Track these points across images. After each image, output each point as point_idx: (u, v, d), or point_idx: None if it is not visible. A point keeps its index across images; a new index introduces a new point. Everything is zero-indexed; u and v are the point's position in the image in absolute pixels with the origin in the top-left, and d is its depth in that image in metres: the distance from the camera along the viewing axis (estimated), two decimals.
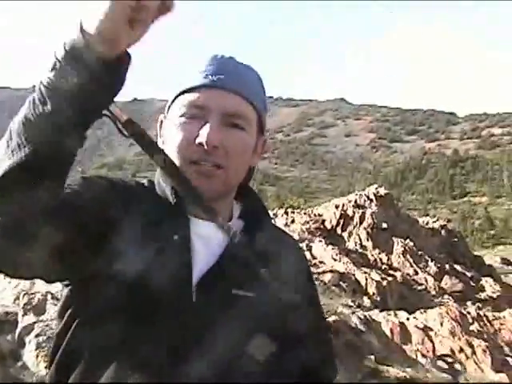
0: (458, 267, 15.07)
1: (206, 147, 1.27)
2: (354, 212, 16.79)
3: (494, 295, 13.85)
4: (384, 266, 13.87)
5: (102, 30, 0.94)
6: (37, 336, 5.87)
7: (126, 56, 1.02)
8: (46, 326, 6.14)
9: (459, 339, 7.66)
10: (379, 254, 14.51)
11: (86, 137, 1.08)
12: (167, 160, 1.15)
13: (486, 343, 7.57)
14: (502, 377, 7.02)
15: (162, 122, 1.44)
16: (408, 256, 14.63)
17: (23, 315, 6.35)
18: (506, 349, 7.69)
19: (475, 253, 19.98)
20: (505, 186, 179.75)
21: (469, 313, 8.28)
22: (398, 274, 12.96)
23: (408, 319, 8.24)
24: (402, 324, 8.12)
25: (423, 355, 7.65)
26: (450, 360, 7.48)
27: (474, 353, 7.45)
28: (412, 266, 14.28)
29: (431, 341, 7.83)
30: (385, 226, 15.97)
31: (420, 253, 14.96)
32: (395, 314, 8.39)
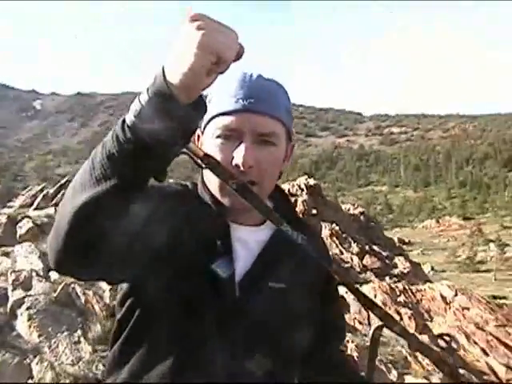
0: (375, 247, 15.59)
1: (242, 168, 1.26)
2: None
3: (405, 271, 14.48)
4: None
5: (185, 82, 0.94)
6: (28, 309, 5.97)
7: (199, 99, 1.01)
8: (36, 300, 6.18)
9: (389, 308, 8.05)
10: None
11: (167, 172, 1.07)
12: (240, 185, 1.14)
13: (411, 311, 8.01)
14: (424, 338, 7.48)
15: (198, 136, 1.42)
16: (334, 238, 15.04)
17: (13, 290, 6.37)
18: (426, 315, 8.14)
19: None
20: (401, 177, 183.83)
21: (397, 287, 8.71)
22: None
23: (346, 293, 8.63)
24: (342, 297, 8.52)
25: (360, 322, 8.06)
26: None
27: (401, 319, 7.88)
28: (338, 247, 14.68)
29: (367, 310, 8.26)
30: (314, 212, 16.33)
31: (344, 235, 15.40)
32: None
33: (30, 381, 5.04)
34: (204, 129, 1.38)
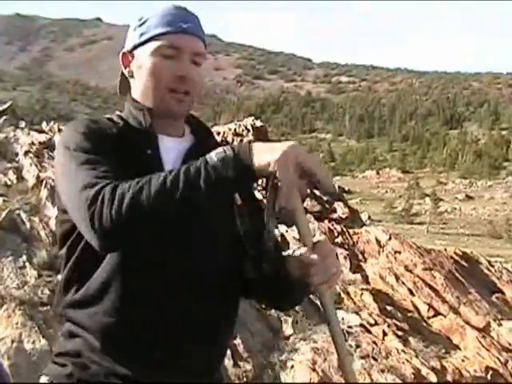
0: (316, 192, 15.94)
1: (187, 79, 1.49)
2: (233, 139, 17.16)
3: (343, 216, 14.93)
4: (259, 188, 14.43)
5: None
6: None
7: None
8: None
9: None
10: None
11: None
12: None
13: (347, 252, 8.38)
14: (357, 277, 7.90)
15: (125, 53, 1.59)
16: None
17: None
18: (360, 256, 8.54)
19: None
20: (346, 126, 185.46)
21: (335, 228, 9.09)
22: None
23: (287, 231, 8.94)
24: (282, 235, 8.82)
25: None
26: None
27: (337, 259, 8.30)
28: None
29: None
30: None
31: None
32: (276, 227, 9.03)
33: None
34: (136, 49, 1.55)
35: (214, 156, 1.25)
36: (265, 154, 1.23)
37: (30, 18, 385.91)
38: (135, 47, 1.56)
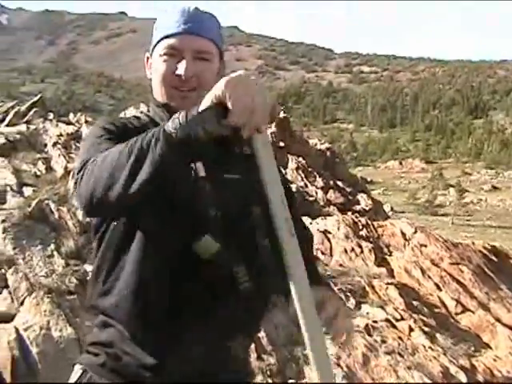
0: (339, 183, 15.82)
1: (183, 78, 1.55)
2: None
3: (367, 208, 14.83)
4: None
5: None
6: (2, 222, 6.04)
7: None
8: (10, 213, 6.24)
9: (351, 241, 8.36)
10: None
11: None
12: None
13: (372, 244, 8.30)
14: (382, 271, 7.83)
15: (148, 58, 1.71)
16: (300, 171, 15.20)
17: None
18: (385, 249, 8.44)
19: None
20: (368, 116, 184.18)
21: (360, 221, 8.99)
22: (293, 186, 13.54)
23: (311, 223, 8.89)
24: (305, 227, 8.75)
25: (322, 253, 8.35)
26: (343, 257, 8.23)
27: (362, 252, 8.18)
28: (303, 180, 14.86)
29: (329, 241, 8.55)
30: (282, 144, 16.40)
31: (310, 169, 15.57)
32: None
33: (4, 290, 5.18)
34: (152, 52, 1.67)
35: (170, 124, 1.26)
36: (207, 96, 1.24)
37: (58, 13, 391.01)
38: (151, 51, 1.68)
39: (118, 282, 1.48)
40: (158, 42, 1.62)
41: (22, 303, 4.98)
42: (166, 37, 1.59)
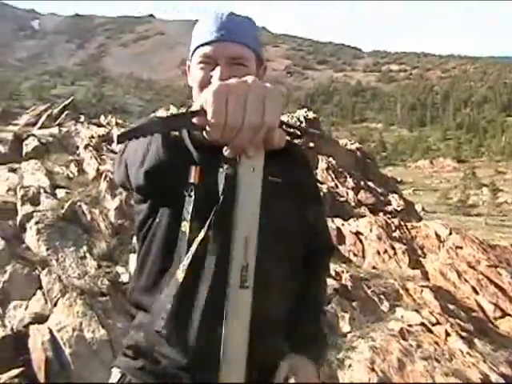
0: (370, 183, 15.70)
1: None
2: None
3: (399, 208, 14.67)
4: None
5: None
6: (36, 223, 6.06)
7: None
8: (43, 215, 6.27)
9: (384, 243, 8.25)
10: None
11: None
12: None
13: (405, 246, 8.17)
14: (416, 273, 7.71)
15: (189, 66, 1.70)
16: (330, 172, 15.12)
17: (22, 205, 6.48)
18: (419, 251, 8.32)
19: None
20: (397, 115, 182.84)
21: (393, 222, 8.86)
22: (323, 187, 13.45)
23: (343, 225, 8.81)
24: (338, 229, 8.68)
25: (355, 254, 8.27)
26: (376, 259, 8.12)
27: (395, 254, 8.06)
28: (333, 181, 14.77)
29: (362, 243, 8.46)
30: (311, 145, 16.36)
31: (340, 170, 15.47)
32: (332, 220, 8.94)
33: (38, 291, 5.22)
34: (191, 59, 1.67)
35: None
36: (199, 98, 1.13)
37: (88, 17, 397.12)
38: (191, 57, 1.68)
39: (159, 280, 1.49)
40: (195, 50, 1.63)
41: (55, 304, 5.02)
42: (201, 45, 1.60)
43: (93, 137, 10.57)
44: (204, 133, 1.09)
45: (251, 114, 1.04)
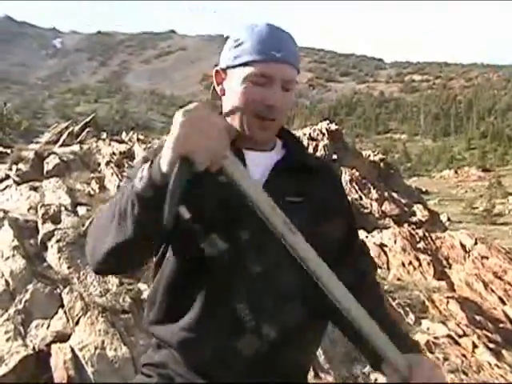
0: (394, 194, 15.60)
1: (274, 108, 1.50)
2: (308, 144, 17.06)
3: (423, 219, 14.53)
4: None
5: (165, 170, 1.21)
6: (57, 241, 6.04)
7: None
8: (65, 233, 6.25)
9: (409, 254, 8.17)
10: None
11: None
12: None
13: (430, 257, 8.08)
14: (442, 284, 7.59)
15: (217, 72, 1.62)
16: (354, 184, 15.06)
17: (43, 223, 6.46)
18: (445, 262, 8.21)
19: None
20: (421, 125, 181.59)
21: (417, 233, 8.77)
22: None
23: (367, 237, 8.74)
24: (361, 241, 8.59)
25: (379, 267, 8.17)
26: (401, 271, 8.02)
27: (420, 265, 7.97)
28: (357, 193, 14.72)
29: (386, 255, 8.37)
30: (335, 157, 16.32)
31: (364, 181, 15.41)
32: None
33: (60, 309, 5.22)
34: (229, 68, 1.58)
35: (137, 182, 1.26)
36: (167, 144, 1.21)
37: (110, 34, 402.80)
38: (228, 67, 1.58)
39: (170, 313, 1.51)
40: (245, 63, 1.53)
41: (77, 323, 5.01)
42: (258, 61, 1.51)
43: (114, 153, 10.64)
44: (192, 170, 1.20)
45: (213, 128, 1.21)
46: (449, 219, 43.86)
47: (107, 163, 9.86)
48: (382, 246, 8.42)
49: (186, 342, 1.46)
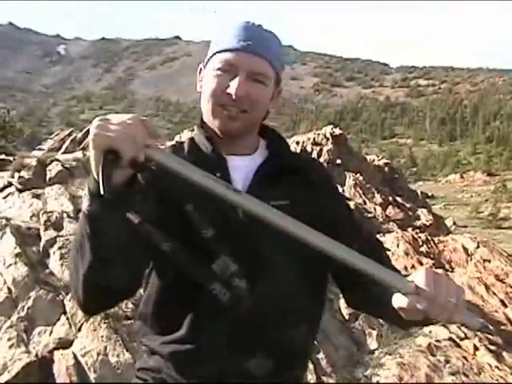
0: (398, 199, 15.54)
1: (234, 96, 1.45)
2: (312, 148, 17.09)
3: (427, 223, 14.50)
4: None
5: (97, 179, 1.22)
6: (60, 248, 6.05)
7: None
8: (67, 240, 6.23)
9: (411, 258, 8.15)
10: None
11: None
12: None
13: (433, 261, 8.06)
14: None
15: (201, 69, 1.61)
16: (358, 188, 15.02)
17: (45, 230, 6.42)
18: (447, 266, 8.20)
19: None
20: (427, 130, 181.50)
21: (420, 237, 8.78)
22: (351, 203, 13.33)
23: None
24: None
25: None
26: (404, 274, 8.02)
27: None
28: (361, 197, 14.66)
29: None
30: (339, 161, 16.32)
31: (368, 186, 15.36)
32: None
33: (62, 316, 5.25)
34: (206, 63, 1.57)
35: (83, 204, 1.28)
36: (89, 153, 1.25)
37: (115, 41, 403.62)
38: (204, 64, 1.60)
39: (161, 327, 1.50)
40: (214, 54, 1.53)
41: (79, 329, 5.02)
42: (223, 51, 1.50)
43: None
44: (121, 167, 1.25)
45: (130, 121, 1.28)
46: (454, 223, 43.74)
47: None
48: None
49: (179, 354, 1.45)
